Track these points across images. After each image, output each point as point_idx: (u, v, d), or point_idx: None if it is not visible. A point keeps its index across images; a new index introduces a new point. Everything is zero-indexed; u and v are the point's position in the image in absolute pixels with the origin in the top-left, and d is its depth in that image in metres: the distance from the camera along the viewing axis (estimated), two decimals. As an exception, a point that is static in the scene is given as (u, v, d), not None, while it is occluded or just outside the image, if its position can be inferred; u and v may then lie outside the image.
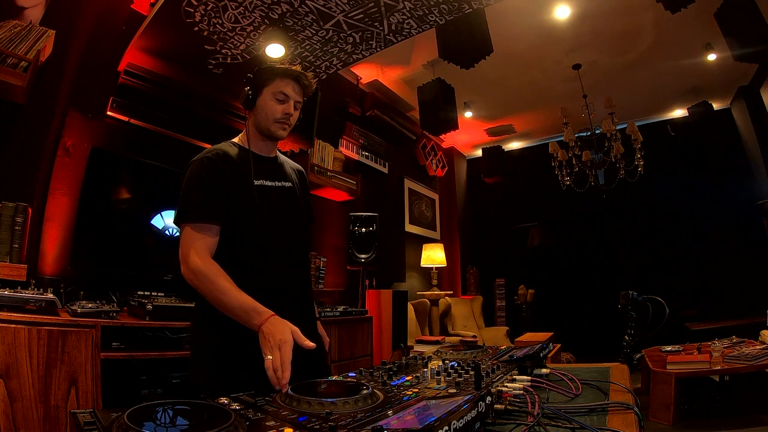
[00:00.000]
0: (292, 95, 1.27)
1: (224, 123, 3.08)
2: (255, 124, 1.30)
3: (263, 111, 1.26)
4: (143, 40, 2.42)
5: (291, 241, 1.29)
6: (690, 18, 3.48)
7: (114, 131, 2.58)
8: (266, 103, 1.26)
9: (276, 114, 1.26)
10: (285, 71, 1.25)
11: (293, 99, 1.27)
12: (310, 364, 1.21)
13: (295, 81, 1.27)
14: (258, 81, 1.26)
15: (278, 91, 1.25)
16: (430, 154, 6.05)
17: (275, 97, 1.25)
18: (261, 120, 1.27)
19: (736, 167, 5.22)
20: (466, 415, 0.51)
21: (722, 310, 4.92)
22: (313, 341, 1.22)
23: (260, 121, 1.28)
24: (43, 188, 2.26)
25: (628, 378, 1.01)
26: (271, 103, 1.25)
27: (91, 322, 1.79)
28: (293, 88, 1.27)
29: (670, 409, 2.83)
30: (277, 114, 1.26)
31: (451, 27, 3.09)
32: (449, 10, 2.25)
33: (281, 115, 1.26)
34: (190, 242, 1.13)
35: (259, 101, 1.27)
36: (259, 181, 1.25)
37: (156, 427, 0.55)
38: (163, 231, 2.59)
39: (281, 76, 1.25)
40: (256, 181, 1.24)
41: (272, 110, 1.25)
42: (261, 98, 1.26)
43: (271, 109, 1.25)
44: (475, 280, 6.27)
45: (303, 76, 1.29)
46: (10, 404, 1.50)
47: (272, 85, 1.25)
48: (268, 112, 1.26)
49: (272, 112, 1.26)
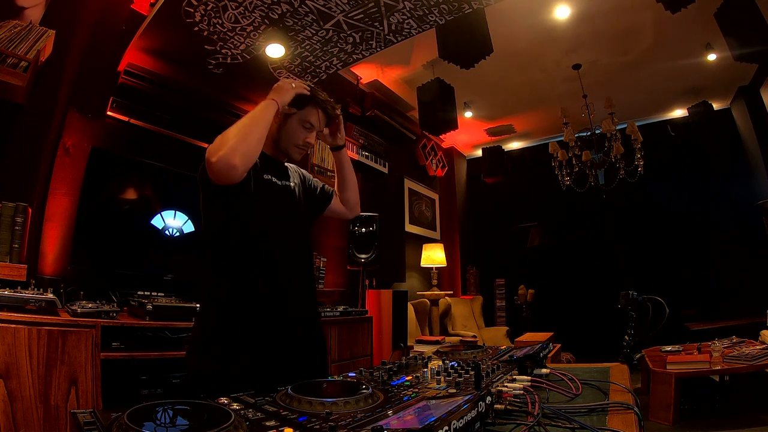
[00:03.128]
0: (317, 125, 1.30)
1: (224, 123, 3.05)
2: (274, 136, 1.30)
3: (287, 132, 1.28)
4: (143, 40, 2.42)
5: (296, 239, 1.30)
6: (690, 18, 3.47)
7: (114, 131, 2.58)
8: (292, 125, 1.27)
9: (298, 141, 1.28)
10: (318, 101, 1.27)
11: (316, 128, 1.30)
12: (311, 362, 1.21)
13: (323, 111, 1.30)
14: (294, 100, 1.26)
15: (306, 120, 1.27)
16: (430, 154, 6.05)
17: (302, 124, 1.27)
18: (282, 138, 1.29)
19: (736, 167, 5.22)
20: (466, 415, 0.51)
21: (722, 310, 4.92)
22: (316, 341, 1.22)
23: (281, 139, 1.30)
24: (43, 188, 2.26)
25: (628, 378, 1.01)
26: (297, 128, 1.27)
27: (91, 322, 1.79)
28: (319, 118, 1.30)
29: (670, 409, 2.83)
30: (299, 141, 1.29)
31: (451, 27, 3.08)
32: (449, 10, 2.25)
33: (303, 142, 1.29)
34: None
35: (286, 121, 1.28)
36: (267, 176, 1.26)
37: (156, 427, 0.55)
38: (163, 231, 2.58)
39: (313, 104, 1.27)
40: (265, 175, 1.25)
41: (296, 136, 1.28)
42: (289, 119, 1.28)
43: (295, 135, 1.28)
44: (475, 280, 6.27)
45: (334, 115, 1.33)
46: (10, 404, 1.50)
47: (303, 111, 1.27)
48: (291, 136, 1.28)
49: (295, 138, 1.28)
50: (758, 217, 4.74)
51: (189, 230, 2.70)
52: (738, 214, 5.03)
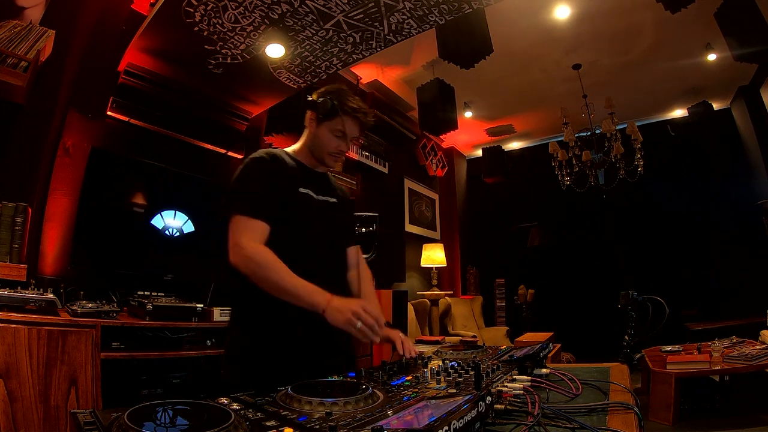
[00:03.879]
0: (350, 133, 1.27)
1: (224, 123, 3.08)
2: (309, 144, 1.30)
3: (319, 140, 1.27)
4: (143, 40, 2.42)
5: (330, 255, 1.28)
6: (690, 18, 3.48)
7: (114, 131, 2.58)
8: (324, 134, 1.26)
9: (331, 148, 1.27)
10: (352, 111, 1.25)
11: (350, 136, 1.28)
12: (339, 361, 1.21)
13: (355, 120, 1.27)
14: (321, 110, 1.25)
15: (338, 129, 1.25)
16: (430, 154, 6.05)
17: (334, 133, 1.25)
18: (316, 147, 1.28)
19: (736, 167, 5.22)
20: (466, 415, 0.51)
21: (722, 310, 4.92)
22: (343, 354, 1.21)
23: (315, 147, 1.28)
24: (43, 188, 2.26)
25: (628, 378, 1.01)
26: (328, 136, 1.25)
27: (91, 322, 1.79)
28: (353, 128, 1.28)
29: (670, 409, 2.83)
30: (332, 148, 1.27)
31: (451, 27, 3.08)
32: (449, 10, 2.25)
33: (336, 150, 1.27)
34: (242, 229, 1.11)
35: (317, 130, 1.27)
36: (304, 189, 1.24)
37: (156, 427, 0.55)
38: (163, 231, 2.59)
39: (345, 112, 1.25)
40: (302, 189, 1.24)
41: (328, 144, 1.26)
42: (320, 128, 1.26)
43: (327, 143, 1.26)
44: (475, 280, 6.27)
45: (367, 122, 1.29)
46: (10, 404, 1.50)
47: (334, 120, 1.24)
48: (324, 143, 1.26)
49: (328, 146, 1.26)
50: (758, 217, 4.74)
51: (189, 230, 2.70)
52: (738, 214, 5.03)
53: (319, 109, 1.24)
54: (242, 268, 1.09)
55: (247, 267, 1.08)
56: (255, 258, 1.08)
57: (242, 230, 1.12)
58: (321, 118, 1.25)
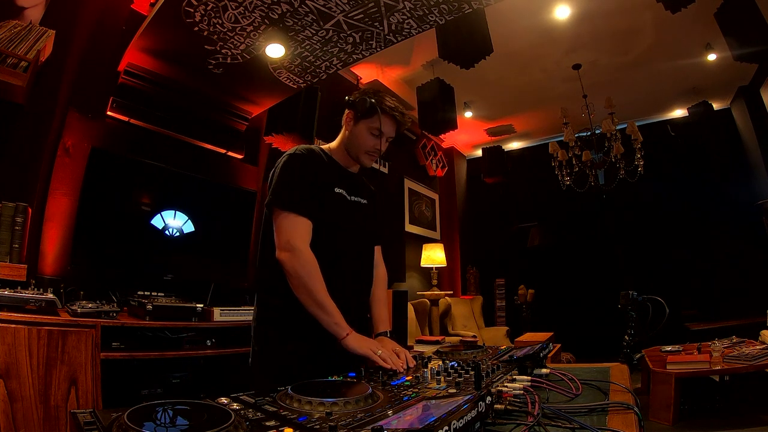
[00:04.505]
0: (387, 132, 1.29)
1: (224, 123, 3.08)
2: (345, 143, 1.32)
3: (356, 139, 1.29)
4: (143, 40, 2.42)
5: (359, 255, 1.32)
6: (690, 18, 3.48)
7: (114, 131, 2.58)
8: (361, 133, 1.28)
9: (368, 147, 1.29)
10: (390, 110, 1.27)
11: (387, 135, 1.29)
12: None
13: (392, 118, 1.28)
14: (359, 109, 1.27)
15: (375, 127, 1.26)
16: (430, 154, 6.05)
17: (370, 131, 1.27)
18: (352, 146, 1.30)
19: (736, 167, 5.21)
20: (466, 415, 0.51)
21: (722, 310, 4.92)
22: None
23: (351, 146, 1.31)
24: (43, 188, 2.26)
25: (628, 378, 1.01)
26: (366, 135, 1.28)
27: (91, 322, 1.79)
28: (390, 127, 1.29)
29: (670, 409, 2.83)
30: (369, 147, 1.29)
31: (451, 27, 3.08)
32: (449, 10, 2.25)
33: (372, 149, 1.29)
34: (294, 228, 1.15)
35: (354, 128, 1.29)
36: (339, 189, 1.27)
37: (156, 427, 0.55)
38: (163, 231, 2.59)
39: (383, 110, 1.27)
40: (337, 189, 1.26)
41: (365, 143, 1.28)
42: (357, 126, 1.29)
43: (364, 142, 1.28)
44: (475, 280, 6.27)
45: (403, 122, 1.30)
46: (10, 404, 1.50)
47: (372, 119, 1.26)
48: (360, 143, 1.28)
49: (365, 145, 1.28)
50: (758, 217, 4.73)
51: (189, 230, 2.70)
52: (738, 214, 5.03)
53: (358, 108, 1.27)
54: (288, 269, 1.14)
55: (294, 270, 1.13)
56: (305, 267, 1.13)
57: (292, 229, 1.15)
58: (359, 117, 1.28)
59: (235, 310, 2.42)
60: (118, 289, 2.33)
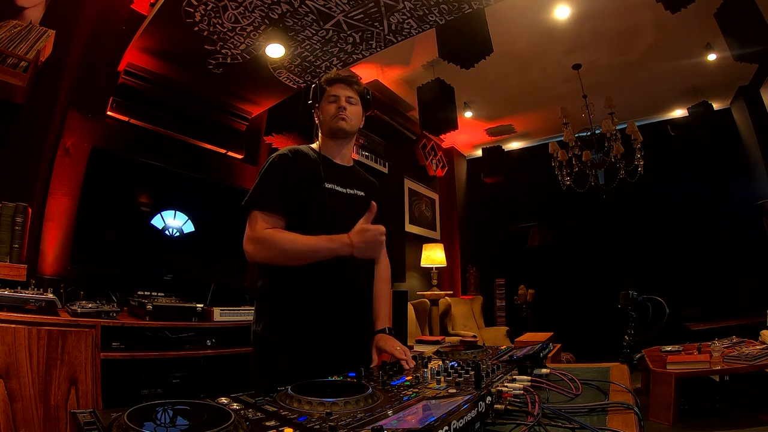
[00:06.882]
0: (341, 92, 1.36)
1: (224, 123, 3.08)
2: (323, 131, 1.40)
3: (323, 117, 1.38)
4: (143, 40, 2.42)
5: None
6: (690, 18, 3.47)
7: (114, 131, 2.58)
8: (323, 109, 1.38)
9: (330, 112, 1.36)
10: (327, 79, 1.39)
11: (343, 95, 1.36)
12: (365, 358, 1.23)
13: (339, 81, 1.38)
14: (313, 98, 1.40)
15: (329, 95, 1.37)
16: (430, 154, 6.05)
17: (328, 101, 1.37)
18: (324, 125, 1.38)
19: (736, 167, 5.21)
20: (466, 415, 0.51)
21: (722, 310, 4.92)
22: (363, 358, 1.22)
23: (324, 126, 1.39)
24: (43, 188, 2.26)
25: (628, 378, 1.01)
26: (326, 107, 1.37)
27: (91, 322, 1.79)
28: (339, 87, 1.38)
29: (670, 409, 2.83)
30: (332, 113, 1.36)
31: (451, 27, 3.08)
32: (449, 10, 2.25)
33: (335, 110, 1.36)
34: (255, 222, 1.20)
35: (320, 113, 1.40)
36: (329, 184, 1.30)
37: (156, 427, 0.55)
38: (163, 231, 2.59)
39: (327, 84, 1.39)
40: (327, 184, 1.29)
41: (327, 111, 1.37)
42: (319, 109, 1.40)
43: (326, 111, 1.37)
44: (475, 280, 6.27)
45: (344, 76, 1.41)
46: (10, 404, 1.50)
47: (325, 94, 1.39)
48: (325, 114, 1.37)
49: (329, 114, 1.36)
50: (758, 217, 4.73)
51: (189, 230, 2.70)
52: (738, 214, 5.03)
53: (312, 100, 1.39)
54: (258, 253, 1.18)
55: (261, 249, 1.17)
56: (266, 237, 1.16)
57: (254, 223, 1.20)
58: (317, 104, 1.39)
59: (235, 310, 2.42)
60: (118, 289, 2.33)
